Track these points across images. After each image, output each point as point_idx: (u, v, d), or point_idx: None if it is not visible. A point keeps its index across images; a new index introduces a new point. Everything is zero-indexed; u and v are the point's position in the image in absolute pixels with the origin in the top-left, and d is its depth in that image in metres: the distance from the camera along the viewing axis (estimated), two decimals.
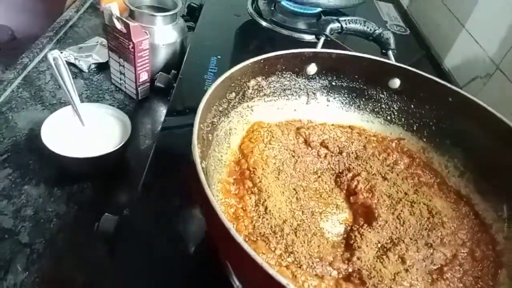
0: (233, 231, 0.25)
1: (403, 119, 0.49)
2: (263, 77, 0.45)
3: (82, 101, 0.63)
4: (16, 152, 0.61)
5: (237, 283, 0.38)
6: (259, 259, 0.24)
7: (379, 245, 0.36)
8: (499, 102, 0.64)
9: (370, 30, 0.49)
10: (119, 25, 0.66)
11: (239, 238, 0.25)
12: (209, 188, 0.28)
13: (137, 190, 0.47)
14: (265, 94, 0.46)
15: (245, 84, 0.43)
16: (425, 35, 0.96)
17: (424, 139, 0.48)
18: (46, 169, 0.59)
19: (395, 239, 0.36)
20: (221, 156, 0.40)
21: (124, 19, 0.65)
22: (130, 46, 0.67)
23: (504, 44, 0.68)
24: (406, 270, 0.34)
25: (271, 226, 0.35)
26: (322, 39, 0.48)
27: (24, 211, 0.54)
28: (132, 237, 0.42)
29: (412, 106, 0.48)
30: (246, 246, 0.24)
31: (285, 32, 0.83)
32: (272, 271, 0.23)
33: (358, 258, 0.34)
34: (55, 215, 0.54)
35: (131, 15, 0.72)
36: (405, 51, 0.89)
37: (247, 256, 0.24)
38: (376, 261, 0.34)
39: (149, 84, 0.74)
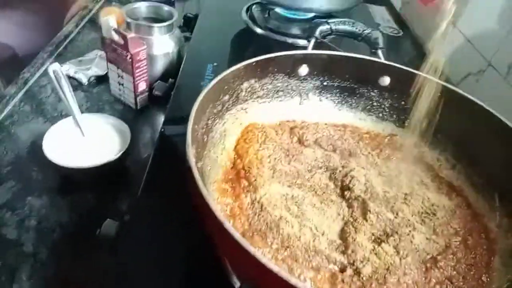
0: (227, 224, 0.26)
1: (394, 116, 0.50)
2: (256, 80, 0.46)
3: (82, 112, 0.64)
4: (19, 164, 0.63)
5: (238, 283, 0.39)
6: (252, 249, 0.25)
7: (373, 237, 0.37)
8: (493, 97, 0.65)
9: (359, 30, 0.50)
10: (116, 37, 0.68)
11: (233, 230, 0.25)
12: (205, 187, 0.29)
13: (137, 196, 0.48)
14: (258, 96, 0.47)
15: (238, 87, 0.44)
16: (418, 36, 0.97)
17: (416, 134, 0.48)
18: (48, 180, 0.60)
19: (389, 230, 0.37)
20: (217, 156, 0.42)
21: (121, 31, 0.67)
22: (128, 57, 0.68)
23: (494, 40, 0.69)
24: (400, 260, 0.34)
25: (267, 223, 0.36)
26: (313, 41, 0.49)
27: (28, 222, 0.55)
28: (133, 241, 0.43)
29: (403, 102, 0.49)
30: (239, 237, 0.25)
31: (279, 38, 0.85)
32: (265, 260, 0.24)
33: (352, 251, 0.35)
34: (58, 224, 0.55)
35: (129, 26, 0.74)
36: (399, 52, 0.90)
37: (241, 249, 0.25)
38: (371, 252, 0.35)
39: (147, 93, 0.75)
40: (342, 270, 0.34)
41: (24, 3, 1.16)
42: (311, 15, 0.88)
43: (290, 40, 0.85)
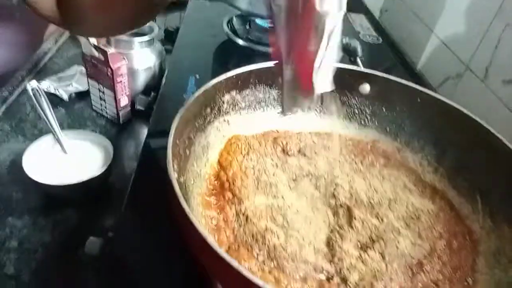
0: (209, 239, 0.25)
1: (376, 122, 0.50)
2: (237, 91, 0.46)
3: (63, 129, 0.63)
4: None
5: None
6: (235, 263, 0.24)
7: (359, 244, 0.37)
8: (472, 100, 0.66)
9: None
10: (96, 53, 0.68)
11: (215, 245, 0.25)
12: (188, 201, 0.29)
13: (121, 212, 0.47)
14: (240, 108, 0.47)
15: (219, 99, 0.44)
16: (397, 43, 0.99)
17: (398, 140, 0.49)
18: (29, 199, 0.59)
19: (375, 236, 0.37)
20: (200, 170, 0.41)
21: (101, 46, 0.67)
22: (109, 73, 0.68)
23: (471, 45, 0.71)
24: (386, 266, 0.34)
25: (253, 234, 0.36)
26: None
27: (9, 243, 0.53)
28: (117, 258, 0.42)
29: (384, 109, 0.49)
30: (221, 252, 0.25)
31: (261, 48, 0.86)
32: (249, 275, 0.24)
33: (339, 259, 0.35)
34: (40, 245, 0.53)
35: (108, 41, 0.73)
36: (379, 59, 0.92)
37: (225, 263, 0.25)
38: (357, 259, 0.35)
39: (130, 108, 0.74)
40: (329, 278, 0.34)
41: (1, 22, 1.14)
42: None
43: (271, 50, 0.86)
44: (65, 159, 0.61)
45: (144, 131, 0.75)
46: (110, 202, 0.60)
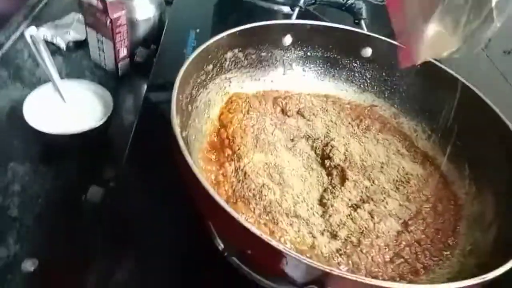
0: (212, 192, 0.27)
1: (375, 87, 0.51)
2: (240, 49, 0.46)
3: (62, 78, 0.63)
4: None
5: (221, 244, 0.41)
6: (236, 215, 0.26)
7: (350, 203, 0.39)
8: (470, 69, 0.67)
9: (343, 0, 0.50)
10: (95, 1, 0.66)
11: (218, 197, 0.27)
12: (190, 156, 0.30)
13: (122, 163, 0.49)
14: (242, 66, 0.47)
15: (222, 56, 0.44)
16: None
17: (395, 105, 0.50)
18: (30, 147, 0.60)
19: (365, 197, 0.39)
20: (201, 126, 0.42)
21: None
22: (108, 22, 0.67)
23: None
24: (374, 225, 0.36)
25: (250, 190, 0.37)
26: (297, 10, 0.49)
27: (12, 188, 0.55)
28: (118, 208, 0.44)
29: (384, 74, 0.50)
30: (224, 204, 0.26)
31: (263, 4, 0.84)
32: (248, 225, 0.26)
33: (330, 216, 0.37)
34: (42, 191, 0.55)
35: None
36: (382, 21, 0.90)
37: (226, 214, 0.27)
38: (347, 217, 0.37)
39: (128, 59, 0.74)
40: (320, 233, 0.36)
41: None
42: None
43: (275, 7, 0.84)
44: (65, 108, 0.61)
45: (142, 84, 0.75)
46: (109, 153, 0.61)
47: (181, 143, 0.30)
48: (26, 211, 0.53)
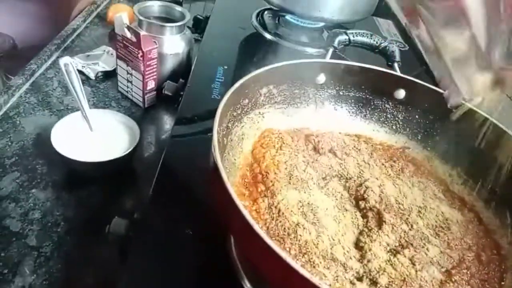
0: (256, 227, 0.26)
1: (408, 129, 0.50)
2: (275, 85, 0.46)
3: (89, 107, 0.64)
4: (24, 156, 0.62)
5: (248, 284, 0.39)
6: (282, 252, 0.25)
7: (388, 247, 0.37)
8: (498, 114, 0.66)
9: (376, 43, 0.51)
10: (129, 34, 0.68)
11: (263, 233, 0.26)
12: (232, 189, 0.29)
13: (148, 194, 0.48)
14: (275, 102, 0.47)
15: (257, 91, 0.44)
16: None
17: (429, 148, 0.49)
18: (53, 173, 0.60)
19: (404, 242, 0.37)
20: (235, 160, 0.42)
21: (134, 28, 0.67)
22: (139, 55, 0.68)
23: None
24: (416, 272, 0.35)
25: (285, 228, 0.36)
26: (331, 50, 0.50)
27: (32, 215, 0.54)
28: (143, 240, 0.43)
29: (417, 116, 0.50)
30: (269, 241, 0.25)
31: (288, 44, 0.86)
32: (294, 264, 0.24)
33: (368, 261, 0.35)
34: (62, 219, 0.54)
35: (140, 25, 0.74)
36: (405, 66, 0.92)
37: (270, 251, 0.25)
38: (386, 263, 0.35)
39: (155, 92, 0.75)
40: (359, 279, 0.34)
41: None
42: (321, 24, 0.89)
43: (298, 48, 0.86)
44: (92, 136, 0.61)
45: (167, 117, 0.76)
46: (132, 185, 0.61)
47: (224, 174, 0.29)
48: (45, 239, 0.52)
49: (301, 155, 0.45)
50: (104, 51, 0.85)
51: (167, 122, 0.74)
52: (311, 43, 0.87)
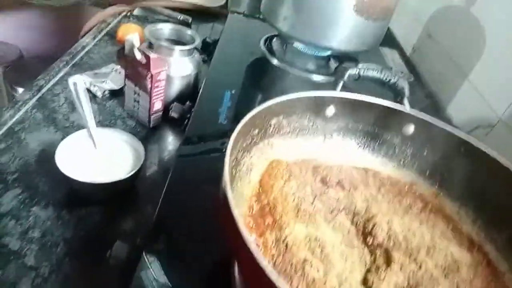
0: (269, 269, 0.25)
1: (416, 164, 0.50)
2: (284, 116, 0.46)
3: (96, 125, 0.63)
4: (27, 172, 0.61)
5: None
6: None
7: (397, 287, 0.36)
8: (500, 153, 0.66)
9: (386, 78, 0.52)
10: (139, 56, 0.68)
11: (272, 271, 0.25)
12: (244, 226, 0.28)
13: (151, 216, 0.47)
14: (284, 132, 0.47)
15: (267, 122, 0.44)
16: (428, 83, 1.00)
17: (437, 185, 0.49)
18: (55, 192, 0.59)
19: (413, 283, 0.37)
20: (243, 190, 0.41)
21: (144, 50, 0.68)
22: (148, 76, 0.69)
23: (507, 97, 0.71)
24: None
25: (292, 264, 0.35)
26: (341, 83, 0.50)
27: (32, 233, 0.53)
28: (146, 266, 0.42)
29: (425, 153, 0.49)
30: (278, 279, 0.25)
31: (295, 71, 0.87)
32: None
33: None
34: (62, 239, 0.53)
35: (150, 46, 0.74)
36: (412, 98, 0.92)
37: None
38: None
39: (161, 113, 0.75)
40: None
41: (42, 6, 1.16)
42: (328, 53, 0.90)
43: (304, 75, 0.87)
44: (96, 156, 0.61)
45: (172, 138, 0.75)
46: (135, 206, 0.60)
47: (235, 212, 0.28)
48: (43, 260, 0.50)
49: (309, 187, 0.45)
50: (113, 69, 0.85)
51: (172, 143, 0.74)
52: (317, 70, 0.88)
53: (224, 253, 0.40)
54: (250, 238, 0.27)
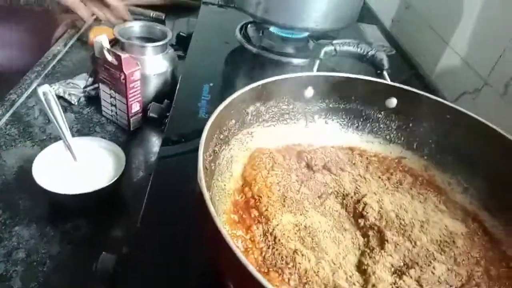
0: (247, 264, 0.24)
1: (402, 138, 0.49)
2: (262, 103, 0.44)
3: (73, 135, 0.61)
4: (6, 191, 0.59)
5: None
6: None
7: (393, 269, 0.35)
8: (489, 116, 0.65)
9: (363, 52, 0.50)
10: (110, 57, 0.66)
11: (254, 270, 0.23)
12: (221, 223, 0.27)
13: (136, 225, 0.45)
14: (264, 120, 0.46)
15: (244, 111, 0.42)
16: (410, 55, 0.98)
17: (425, 157, 0.48)
18: (37, 208, 0.57)
19: (409, 261, 0.35)
20: (224, 185, 0.39)
21: (114, 50, 0.65)
22: (122, 78, 0.66)
23: (490, 58, 0.70)
24: None
25: (282, 257, 0.34)
26: (317, 62, 0.48)
27: (16, 254, 0.51)
28: (133, 276, 0.40)
29: (411, 124, 0.48)
30: (259, 276, 0.23)
31: (274, 57, 0.84)
32: None
33: (373, 285, 0.33)
34: (48, 257, 0.51)
35: (121, 46, 0.72)
36: (394, 71, 0.90)
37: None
38: (392, 286, 0.33)
39: (141, 114, 0.73)
40: None
41: (9, 22, 1.12)
42: (305, 34, 0.88)
43: (284, 59, 0.84)
44: (76, 166, 0.59)
45: (154, 139, 0.73)
46: (120, 213, 0.58)
47: (212, 210, 0.27)
48: (31, 280, 0.49)
49: (294, 174, 0.43)
50: (86, 78, 0.82)
51: (154, 144, 0.71)
52: (296, 53, 0.86)
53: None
54: (228, 235, 0.25)
